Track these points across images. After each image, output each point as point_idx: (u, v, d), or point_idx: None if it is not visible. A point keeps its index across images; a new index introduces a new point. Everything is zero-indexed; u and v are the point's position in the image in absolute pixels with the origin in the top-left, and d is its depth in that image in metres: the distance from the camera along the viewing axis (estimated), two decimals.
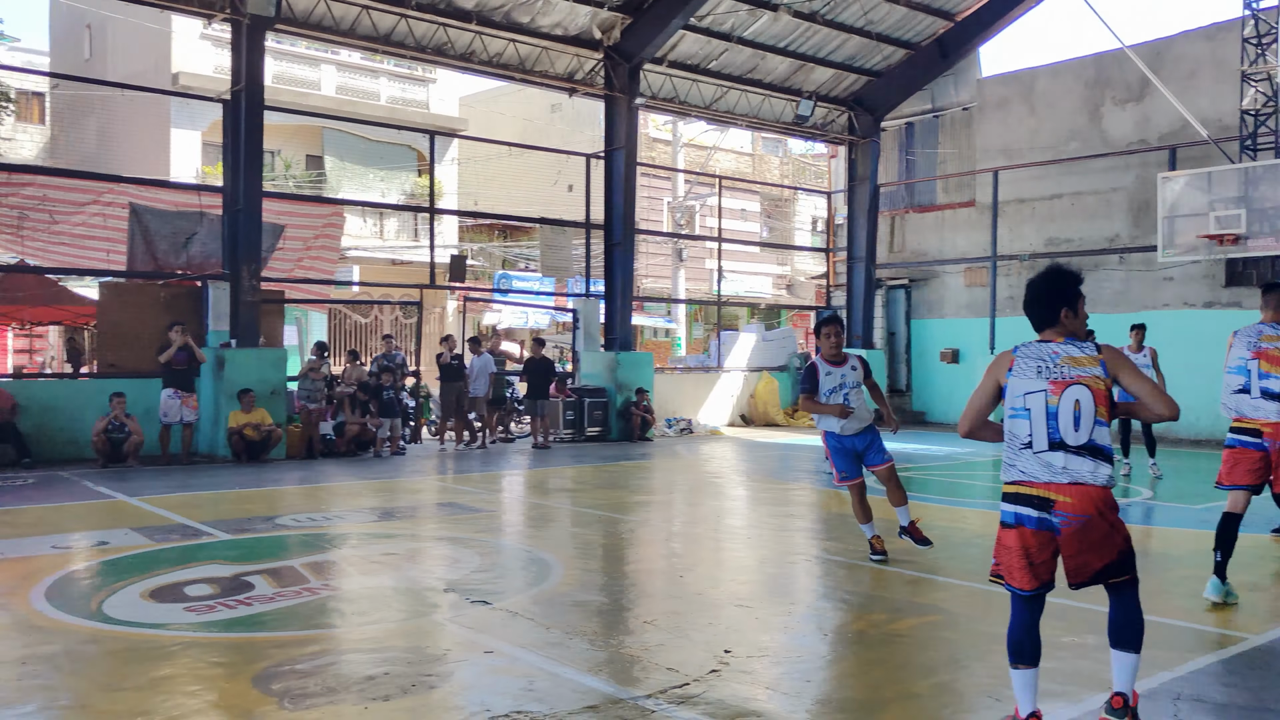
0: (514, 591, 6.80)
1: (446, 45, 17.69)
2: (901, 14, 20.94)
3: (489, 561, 7.82)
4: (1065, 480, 4.07)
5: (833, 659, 5.40)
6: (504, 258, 33.84)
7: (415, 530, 9.18)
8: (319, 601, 6.45)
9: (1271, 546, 8.80)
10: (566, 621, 6.00)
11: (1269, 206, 15.99)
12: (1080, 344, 4.21)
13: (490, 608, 6.32)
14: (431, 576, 7.25)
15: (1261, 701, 4.70)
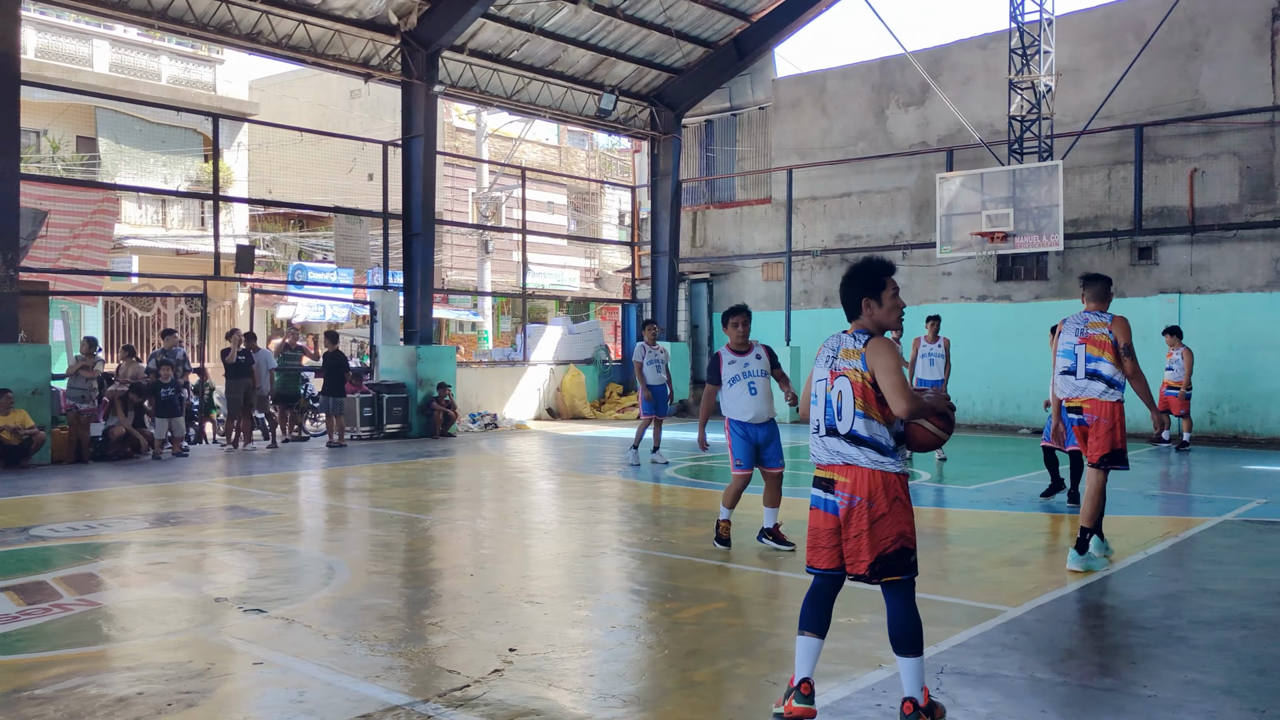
0: (294, 598, 6.47)
1: (230, 24, 16.76)
2: (700, 12, 21.33)
3: (269, 568, 7.42)
4: (840, 462, 4.24)
5: (619, 652, 5.38)
6: (300, 248, 32.52)
7: (191, 537, 8.62)
8: (72, 619, 5.94)
9: (1035, 522, 9.43)
10: (347, 627, 5.75)
11: (1033, 207, 17.19)
12: (859, 335, 4.31)
13: (265, 616, 5.99)
14: (204, 586, 6.81)
15: (1022, 670, 4.98)
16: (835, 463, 4.26)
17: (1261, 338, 16.73)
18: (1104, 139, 18.19)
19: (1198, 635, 5.54)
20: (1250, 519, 9.31)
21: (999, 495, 10.82)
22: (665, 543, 8.39)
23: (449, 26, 18.06)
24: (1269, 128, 16.84)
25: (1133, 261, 18.14)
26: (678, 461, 14.11)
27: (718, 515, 8.07)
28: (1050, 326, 7.76)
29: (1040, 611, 6.05)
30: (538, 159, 36.66)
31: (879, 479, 4.17)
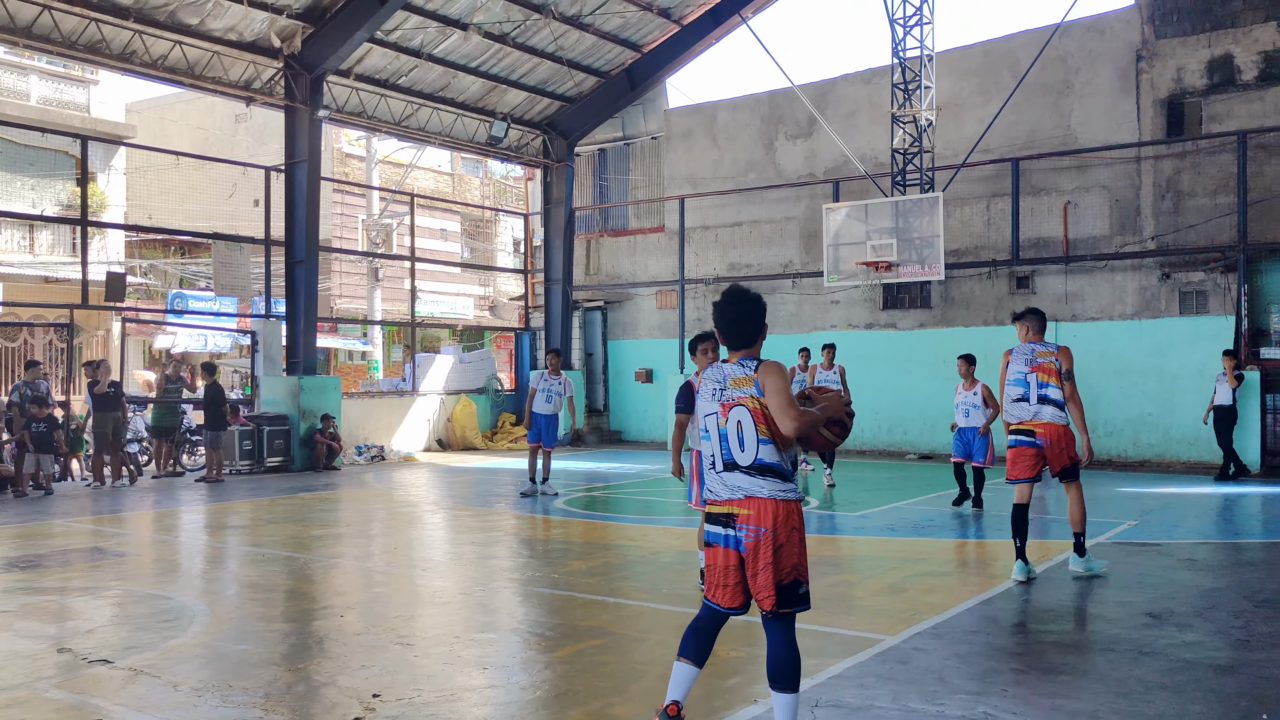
0: (146, 647, 6.09)
1: (101, 43, 16.10)
2: (591, 42, 21.37)
3: (124, 614, 6.99)
4: (742, 496, 4.15)
5: (488, 695, 5.18)
6: (181, 276, 31.42)
7: (42, 582, 8.09)
8: None
9: (916, 548, 9.52)
10: (200, 677, 5.41)
11: (916, 237, 17.60)
12: (746, 363, 4.27)
13: (111, 667, 5.62)
14: (46, 635, 6.36)
15: (895, 701, 4.94)
16: (736, 497, 4.17)
17: (1131, 364, 17.40)
18: (983, 172, 18.77)
19: (1066, 660, 5.61)
20: (1120, 541, 9.57)
21: (882, 521, 10.92)
22: (548, 578, 8.20)
23: (334, 51, 17.69)
24: (1135, 163, 17.60)
25: (1011, 290, 18.71)
26: (569, 493, 13.92)
27: (698, 564, 7.21)
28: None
29: (918, 639, 6.05)
30: (430, 186, 36.23)
31: (781, 509, 4.12)
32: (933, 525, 10.77)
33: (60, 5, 15.24)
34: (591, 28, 20.80)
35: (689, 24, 21.72)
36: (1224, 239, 16.64)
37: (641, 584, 8.02)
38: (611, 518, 12.08)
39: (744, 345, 4.32)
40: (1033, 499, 8.09)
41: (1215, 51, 16.94)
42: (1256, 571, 8.17)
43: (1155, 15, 17.46)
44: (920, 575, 8.17)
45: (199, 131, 33.30)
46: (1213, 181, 16.95)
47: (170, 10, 16.32)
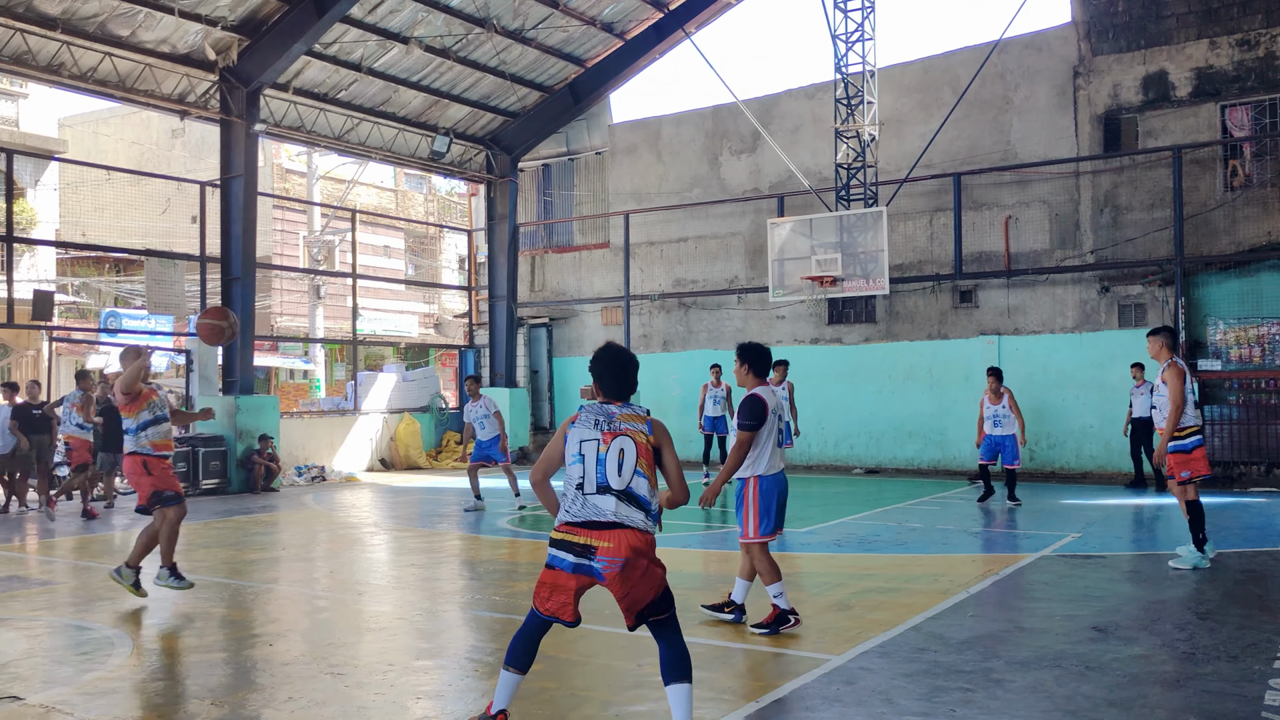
0: (60, 681, 5.77)
1: (27, 55, 15.63)
2: (534, 57, 21.23)
3: (39, 646, 6.65)
4: (606, 524, 4.35)
5: None
6: (116, 294, 30.66)
7: None
8: None
9: (863, 564, 9.44)
10: (115, 714, 5.13)
11: (860, 252, 17.66)
12: (636, 409, 4.67)
13: (22, 704, 5.30)
14: None
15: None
16: (598, 520, 4.37)
17: (1072, 376, 17.59)
18: (925, 187, 18.92)
19: (1013, 677, 5.52)
20: (1065, 554, 9.57)
21: (829, 537, 10.84)
22: (489, 601, 7.98)
23: (270, 64, 17.35)
24: (1074, 177, 17.85)
25: (955, 304, 18.84)
26: (512, 512, 13.68)
27: (774, 601, 6.69)
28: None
29: (864, 659, 5.94)
30: (373, 202, 35.80)
31: (641, 541, 4.38)
32: (879, 540, 10.71)
33: None
34: (534, 42, 20.67)
35: (632, 39, 21.69)
36: (1161, 252, 16.90)
37: (584, 606, 7.80)
38: None
39: (626, 396, 4.73)
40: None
41: (1150, 68, 17.26)
42: (1199, 583, 8.19)
43: (1092, 32, 17.75)
44: (867, 592, 8.08)
45: (134, 146, 32.61)
46: (1149, 196, 17.23)
47: (100, 21, 15.90)
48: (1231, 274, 16.46)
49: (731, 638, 6.55)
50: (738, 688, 5.39)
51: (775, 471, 6.69)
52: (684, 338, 21.94)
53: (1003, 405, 13.09)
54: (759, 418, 6.55)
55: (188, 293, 18.77)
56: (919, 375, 18.89)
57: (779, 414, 6.71)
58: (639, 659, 5.99)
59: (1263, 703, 5.03)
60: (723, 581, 8.23)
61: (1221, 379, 16.26)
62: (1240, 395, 16.22)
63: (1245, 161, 16.82)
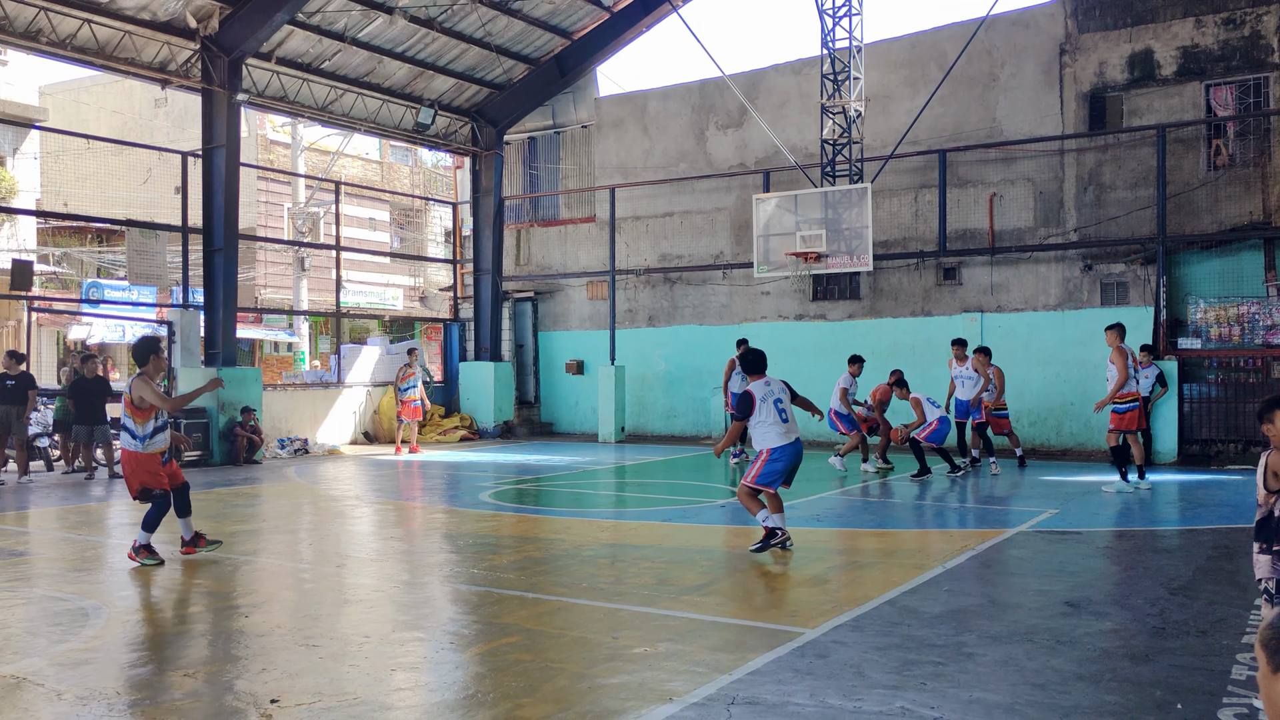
0: (33, 652, 5.76)
1: (4, 20, 15.40)
2: (520, 28, 21.05)
3: (14, 616, 6.63)
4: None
5: (394, 699, 4.97)
6: (99, 265, 30.43)
7: None
8: None
9: (840, 539, 9.49)
10: (87, 685, 5.12)
11: (845, 228, 17.64)
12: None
13: None
14: None
15: (813, 697, 4.84)
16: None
17: (1054, 353, 17.66)
18: (911, 163, 18.89)
19: (985, 651, 5.57)
20: (1042, 529, 9.64)
21: (808, 512, 10.88)
22: (468, 574, 7.99)
23: (253, 33, 17.15)
24: (1059, 155, 17.85)
25: (938, 282, 18.87)
26: (498, 486, 13.69)
27: (764, 524, 8.42)
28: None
29: (837, 632, 5.98)
30: (359, 174, 35.56)
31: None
32: (858, 516, 10.76)
33: None
34: (520, 13, 20.50)
35: (619, 11, 21.53)
36: (1144, 231, 16.94)
37: (562, 579, 7.86)
38: (539, 510, 11.90)
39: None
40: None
41: (1136, 46, 17.23)
42: (1172, 558, 8.27)
43: (1078, 10, 17.70)
44: (843, 566, 8.13)
45: (116, 116, 32.29)
46: (1133, 175, 17.25)
47: None
48: (1213, 253, 16.52)
49: (705, 610, 6.58)
50: (711, 660, 5.42)
51: (785, 443, 8.34)
52: (669, 313, 21.92)
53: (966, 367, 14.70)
54: (745, 410, 8.42)
55: (170, 264, 18.63)
56: (902, 352, 18.92)
57: (777, 400, 8.45)
58: (614, 631, 6.02)
59: (1229, 676, 5.08)
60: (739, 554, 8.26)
61: (1201, 357, 16.35)
62: (1219, 374, 16.32)
63: (1228, 141, 16.85)
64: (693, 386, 21.39)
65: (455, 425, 22.35)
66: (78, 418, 14.88)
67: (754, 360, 8.77)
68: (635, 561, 8.32)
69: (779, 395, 8.45)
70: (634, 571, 7.91)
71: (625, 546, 9.12)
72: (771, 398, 8.39)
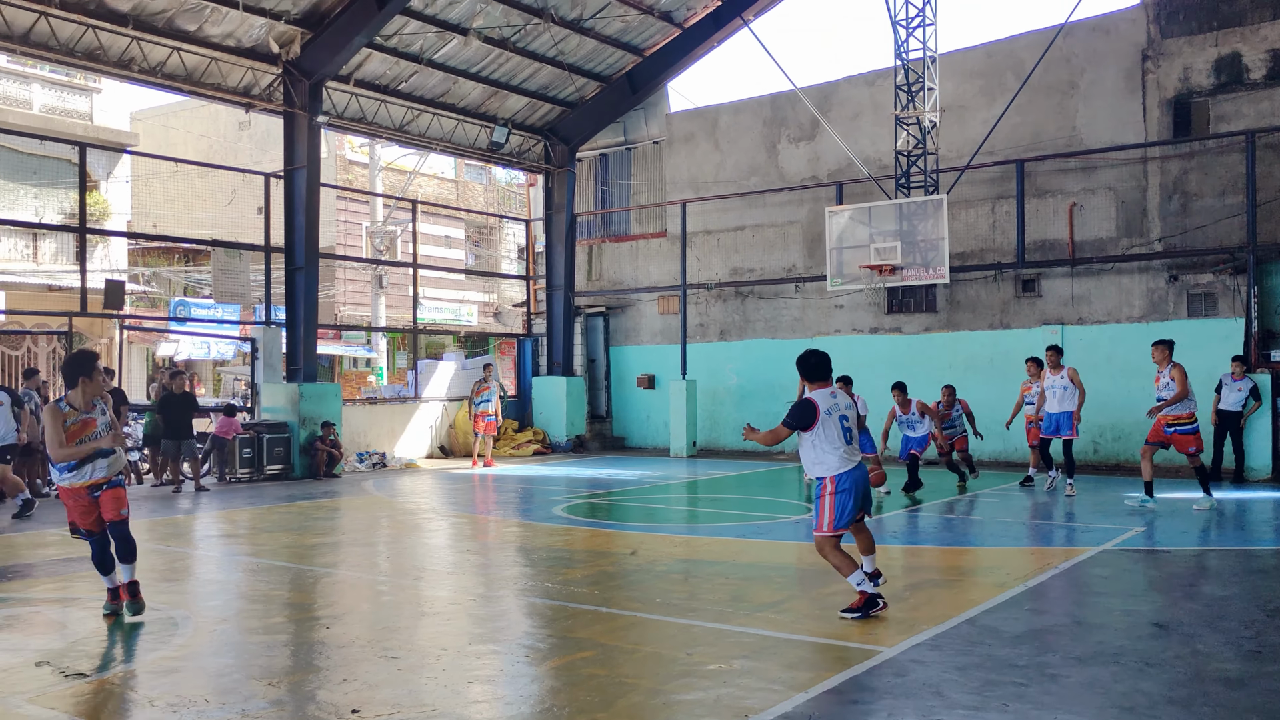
0: (125, 660, 5.95)
1: (99, 50, 16.03)
2: (592, 47, 21.25)
3: (106, 626, 6.86)
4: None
5: (471, 711, 5.02)
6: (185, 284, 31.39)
7: (25, 592, 7.96)
8: None
9: (921, 557, 9.34)
10: (177, 692, 5.27)
11: (920, 240, 17.41)
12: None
13: (87, 681, 5.48)
14: (26, 648, 6.22)
15: (892, 716, 4.77)
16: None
17: (1139, 367, 17.13)
18: (987, 174, 18.59)
19: (1069, 672, 5.43)
20: (1127, 548, 9.37)
21: (885, 529, 10.73)
22: (542, 588, 8.04)
23: (332, 57, 17.60)
24: (1141, 163, 17.40)
25: (1017, 294, 18.52)
26: (569, 500, 13.76)
27: (859, 589, 6.81)
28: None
29: (915, 651, 5.88)
30: (434, 193, 36.16)
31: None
32: (936, 533, 10.59)
33: (57, 12, 15.18)
34: (592, 32, 20.69)
35: (690, 27, 21.59)
36: (1233, 240, 16.42)
37: (636, 594, 7.86)
38: (611, 525, 11.93)
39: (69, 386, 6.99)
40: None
41: (1222, 50, 16.75)
42: (1267, 579, 7.98)
43: (1161, 14, 17.28)
44: (920, 584, 7.99)
45: (202, 139, 33.31)
46: (1221, 182, 16.74)
47: (168, 16, 16.25)
48: None
49: (780, 627, 6.53)
50: (786, 678, 5.38)
51: (848, 469, 6.88)
52: (741, 327, 21.85)
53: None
54: (804, 420, 6.90)
55: (253, 282, 19.14)
56: (980, 365, 18.59)
57: (843, 416, 6.95)
58: (688, 647, 6.00)
59: None
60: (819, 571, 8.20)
61: None
62: None
63: None
64: (765, 401, 21.25)
65: (528, 439, 22.54)
66: (166, 432, 15.35)
67: (817, 364, 7.07)
68: (709, 577, 8.29)
69: (845, 411, 6.99)
70: (707, 587, 7.88)
71: (698, 562, 9.10)
72: (837, 412, 6.92)
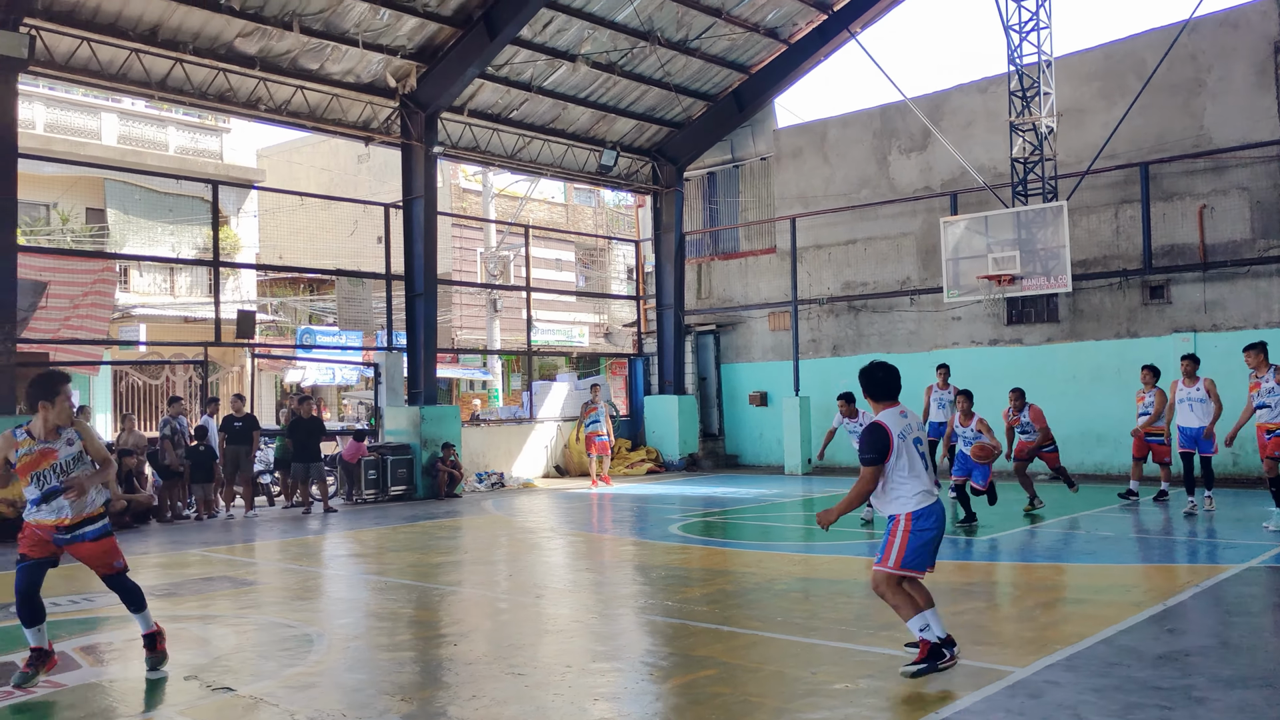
0: (266, 675, 6.19)
1: (229, 92, 16.85)
2: (698, 67, 21.37)
3: (247, 641, 7.15)
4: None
5: None
6: (310, 312, 32.59)
7: (172, 610, 8.35)
8: (27, 703, 5.67)
9: (1051, 574, 9.06)
10: (316, 706, 5.46)
11: (1039, 248, 16.94)
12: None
13: (233, 695, 5.72)
14: (176, 662, 6.52)
15: None
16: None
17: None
18: (1109, 178, 17.99)
19: (1217, 696, 5.19)
20: (1276, 565, 8.91)
21: (1012, 545, 10.44)
22: (662, 606, 8.07)
23: (447, 88, 18.12)
24: (1277, 161, 16.60)
25: (1145, 301, 17.83)
26: (684, 518, 13.78)
27: (921, 636, 5.70)
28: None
29: (1050, 672, 5.70)
30: (545, 217, 36.77)
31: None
32: (1066, 549, 10.24)
33: (191, 58, 16.01)
34: (698, 52, 20.81)
35: (796, 42, 21.54)
36: None
37: (756, 612, 7.82)
38: (727, 543, 11.90)
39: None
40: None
41: None
42: None
43: None
44: (1052, 602, 7.74)
45: (324, 173, 34.60)
46: None
47: (292, 57, 16.99)
48: None
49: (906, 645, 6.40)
50: (915, 698, 5.28)
51: (929, 504, 5.67)
52: (854, 342, 21.58)
53: (948, 392, 13.54)
54: (881, 450, 5.65)
55: (375, 309, 19.79)
56: (1106, 376, 17.95)
57: (916, 440, 5.78)
58: (812, 666, 5.94)
59: None
60: None
61: None
62: None
63: None
64: None
65: (641, 458, 22.65)
66: (295, 455, 15.95)
67: (884, 378, 5.91)
68: (830, 596, 8.20)
69: (918, 434, 5.84)
70: (829, 606, 7.79)
71: (818, 580, 9.00)
72: (910, 435, 5.77)
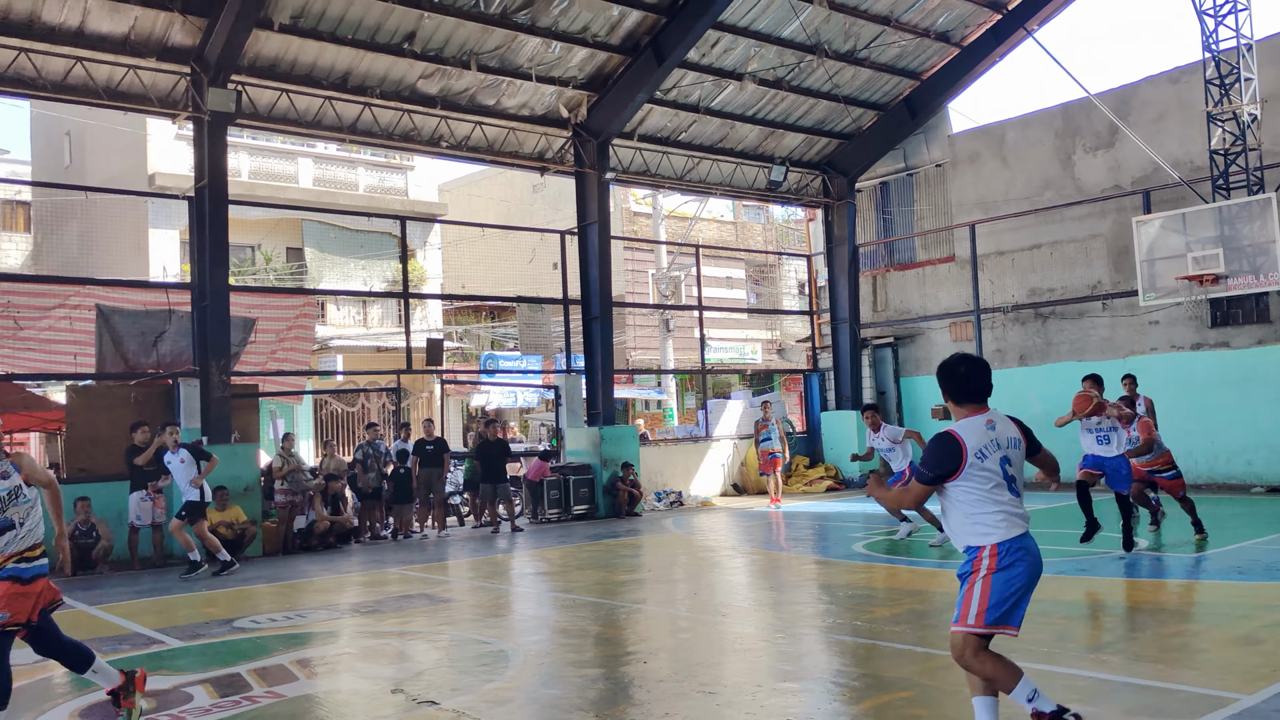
0: (467, 689, 6.44)
1: (414, 131, 17.72)
2: (867, 76, 21.06)
3: (448, 657, 7.45)
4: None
5: None
6: (492, 338, 33.75)
7: (376, 626, 8.80)
8: (255, 712, 6.09)
9: (1271, 594, 8.42)
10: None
11: (1246, 244, 15.82)
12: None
13: (438, 708, 5.97)
14: (382, 676, 6.87)
15: None
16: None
17: None
18: None
19: None
20: None
21: (1227, 563, 9.75)
22: (850, 625, 7.94)
23: (617, 115, 18.51)
24: None
25: None
26: (868, 537, 13.52)
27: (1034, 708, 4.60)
28: None
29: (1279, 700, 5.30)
30: (714, 236, 36.92)
31: None
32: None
33: (378, 102, 16.93)
34: (867, 62, 20.51)
35: (970, 45, 20.93)
36: None
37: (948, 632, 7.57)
38: (914, 562, 11.59)
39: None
40: None
41: None
42: None
43: None
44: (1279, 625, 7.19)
45: (501, 204, 35.82)
46: None
47: (470, 94, 17.72)
48: None
49: (1115, 670, 6.08)
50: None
51: (1016, 534, 4.55)
52: (1043, 350, 20.68)
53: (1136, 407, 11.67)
54: (941, 467, 4.57)
55: (554, 333, 20.33)
56: None
57: (1004, 458, 4.60)
58: None
59: None
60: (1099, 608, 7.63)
61: None
62: None
63: None
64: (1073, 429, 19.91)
65: (820, 475, 22.35)
66: (483, 476, 16.54)
67: (967, 374, 4.78)
68: (1030, 616, 7.78)
69: (1008, 451, 4.61)
70: (1030, 627, 7.42)
71: None
72: (996, 452, 4.57)
